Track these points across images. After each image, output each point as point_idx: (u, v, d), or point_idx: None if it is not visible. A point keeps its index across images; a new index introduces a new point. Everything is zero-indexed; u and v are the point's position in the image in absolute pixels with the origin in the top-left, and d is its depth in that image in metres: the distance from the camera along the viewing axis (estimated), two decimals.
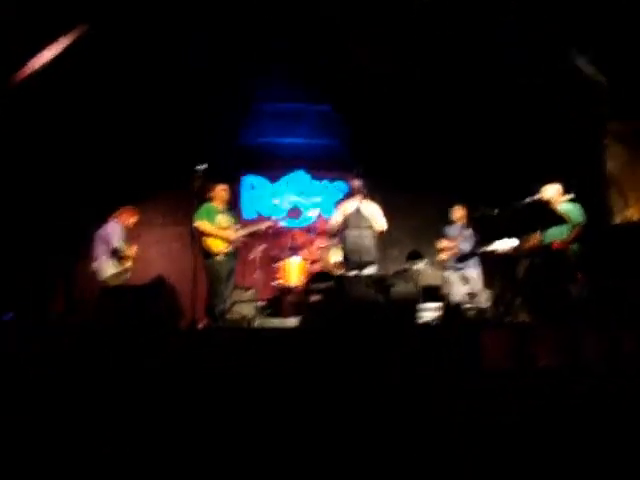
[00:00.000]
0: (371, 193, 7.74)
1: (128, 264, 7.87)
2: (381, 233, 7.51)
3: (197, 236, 7.29)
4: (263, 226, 8.21)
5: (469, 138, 10.24)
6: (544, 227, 7.09)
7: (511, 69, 8.88)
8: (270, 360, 4.56)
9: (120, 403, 4.07)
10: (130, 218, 8.10)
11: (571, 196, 7.07)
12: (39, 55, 7.26)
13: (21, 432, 3.81)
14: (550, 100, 9.36)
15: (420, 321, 8.10)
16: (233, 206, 8.81)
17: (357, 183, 7.55)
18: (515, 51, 8.42)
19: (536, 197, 7.01)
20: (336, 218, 7.50)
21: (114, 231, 7.73)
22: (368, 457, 3.81)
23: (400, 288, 5.16)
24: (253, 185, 10.82)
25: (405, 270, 9.43)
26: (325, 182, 10.98)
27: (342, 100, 10.19)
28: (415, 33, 7.89)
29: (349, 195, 7.60)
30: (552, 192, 7.18)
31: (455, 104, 9.84)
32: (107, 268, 7.66)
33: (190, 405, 4.11)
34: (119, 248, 7.67)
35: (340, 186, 10.82)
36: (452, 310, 8.33)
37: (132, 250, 7.96)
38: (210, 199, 7.64)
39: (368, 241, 7.25)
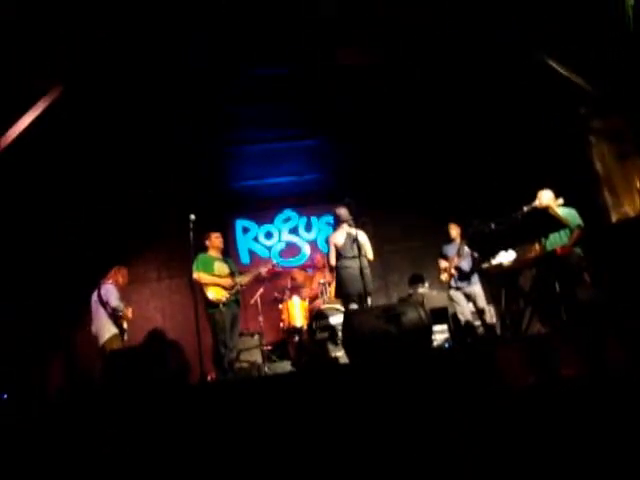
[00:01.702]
0: (363, 221, 7.68)
1: (125, 325, 7.76)
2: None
3: (197, 287, 7.19)
4: (262, 270, 8.09)
5: (456, 154, 10.24)
6: (540, 235, 7.02)
7: (490, 75, 8.90)
8: (284, 407, 4.43)
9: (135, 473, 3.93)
10: (121, 277, 8.01)
11: (561, 201, 7.04)
12: (18, 123, 7.20)
13: None
14: (531, 106, 9.38)
15: (432, 344, 8.03)
16: (228, 252, 8.75)
17: (342, 211, 7.44)
18: (493, 55, 8.44)
19: (533, 204, 6.94)
20: (331, 253, 7.40)
21: (110, 292, 7.66)
22: None
23: (411, 315, 5.04)
24: (245, 228, 10.75)
25: (410, 295, 9.38)
26: (315, 217, 10.92)
27: (327, 132, 10.19)
28: (398, 55, 7.86)
29: (335, 225, 7.49)
30: (548, 197, 7.14)
31: (439, 119, 9.84)
32: (106, 331, 7.56)
33: (209, 464, 3.98)
34: (118, 307, 7.59)
35: (331, 220, 10.76)
36: (462, 329, 8.25)
37: (129, 311, 7.88)
38: (205, 248, 7.55)
39: (365, 269, 7.14)
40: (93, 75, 7.53)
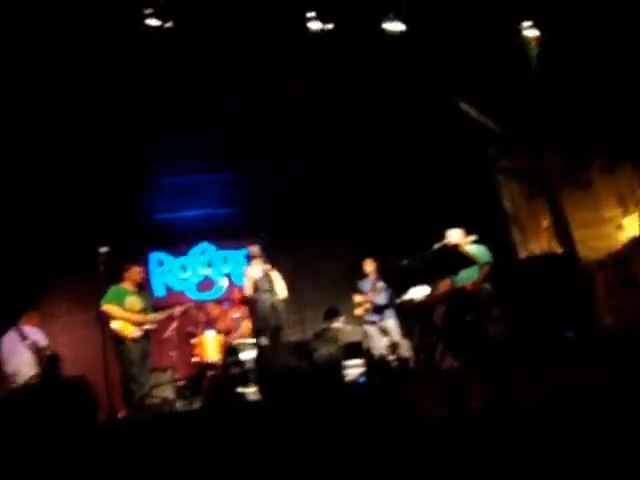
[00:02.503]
0: (278, 257, 7.69)
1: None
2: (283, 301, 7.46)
3: (105, 321, 6.98)
4: (177, 311, 7.91)
5: (372, 190, 10.40)
6: (453, 271, 7.19)
7: (405, 115, 9.13)
8: (198, 444, 4.34)
9: None
10: (35, 320, 8.08)
11: (474, 237, 7.21)
12: None
13: None
14: (445, 146, 9.67)
15: (346, 379, 8.04)
16: (143, 285, 8.55)
17: (254, 249, 7.47)
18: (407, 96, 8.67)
19: (443, 243, 7.11)
20: (248, 286, 7.37)
21: (35, 332, 7.78)
22: None
23: (322, 351, 5.06)
24: (160, 261, 10.57)
25: (324, 330, 9.38)
26: (230, 251, 10.84)
27: (245, 166, 10.20)
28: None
29: (249, 261, 7.51)
30: (457, 236, 7.32)
31: (354, 155, 10.01)
32: (29, 370, 7.50)
33: None
34: (48, 346, 7.69)
35: (246, 253, 10.70)
36: (377, 364, 8.31)
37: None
38: (121, 280, 7.37)
39: (278, 305, 7.15)
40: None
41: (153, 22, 6.58)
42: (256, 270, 7.32)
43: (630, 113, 8.45)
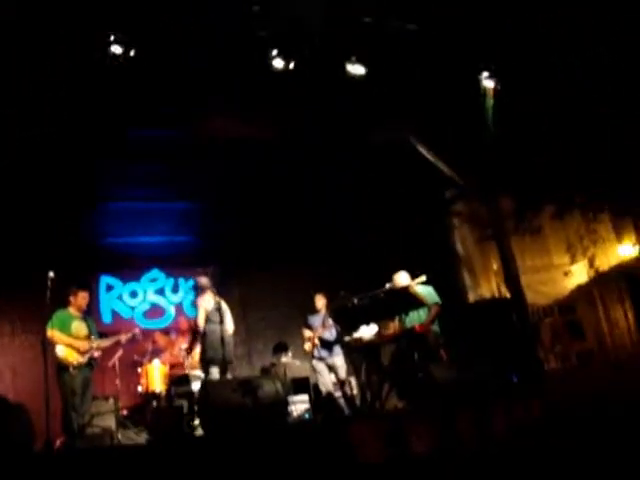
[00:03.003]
0: (227, 288, 7.65)
1: None
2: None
3: (49, 346, 6.83)
4: (123, 337, 7.79)
5: (326, 225, 10.47)
6: (401, 312, 7.26)
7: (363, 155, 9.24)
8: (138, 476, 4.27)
9: None
10: None
11: (424, 278, 7.29)
12: None
13: None
14: (398, 188, 9.81)
15: (292, 415, 8.00)
16: (90, 310, 8.41)
17: (204, 280, 7.44)
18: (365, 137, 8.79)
19: (390, 285, 7.20)
20: (200, 316, 7.27)
21: None
22: None
23: (267, 388, 5.04)
24: (110, 286, 10.41)
25: (272, 365, 9.36)
26: (182, 280, 10.74)
27: (200, 197, 10.19)
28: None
29: (197, 292, 7.45)
30: (403, 278, 7.39)
31: (312, 191, 10.07)
32: None
33: None
34: None
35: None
36: (322, 400, 8.30)
37: None
38: (67, 304, 7.23)
39: (228, 337, 7.12)
40: None
41: (117, 49, 6.58)
42: (208, 301, 7.26)
43: (580, 161, 8.73)
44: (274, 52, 7.04)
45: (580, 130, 8.38)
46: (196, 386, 7.83)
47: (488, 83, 7.74)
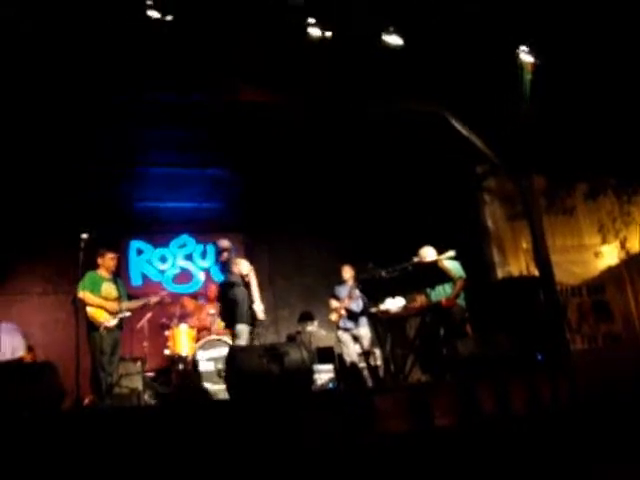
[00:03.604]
0: (257, 256, 7.67)
1: None
2: None
3: (80, 307, 6.96)
4: (152, 300, 7.83)
5: (356, 197, 10.46)
6: (428, 286, 7.26)
7: (394, 127, 9.17)
8: (163, 439, 4.36)
9: None
10: None
11: (452, 253, 7.26)
12: None
13: None
14: (429, 160, 9.74)
15: (316, 383, 8.07)
16: (120, 273, 8.54)
17: (226, 243, 7.44)
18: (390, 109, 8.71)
19: (417, 259, 7.19)
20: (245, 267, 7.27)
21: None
22: None
23: (293, 355, 5.08)
24: (140, 250, 10.54)
25: (298, 333, 9.44)
26: (210, 246, 10.79)
27: (231, 163, 10.23)
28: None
29: (220, 254, 7.43)
30: (430, 253, 7.38)
31: (342, 161, 10.04)
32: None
33: None
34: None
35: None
36: (346, 370, 8.37)
37: None
38: (97, 266, 7.33)
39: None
40: None
41: (154, 14, 6.57)
42: (245, 266, 7.28)
43: (616, 142, 8.59)
44: (311, 20, 6.96)
45: (618, 110, 8.23)
46: (221, 352, 7.93)
47: (526, 57, 7.61)
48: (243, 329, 6.90)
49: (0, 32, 6.32)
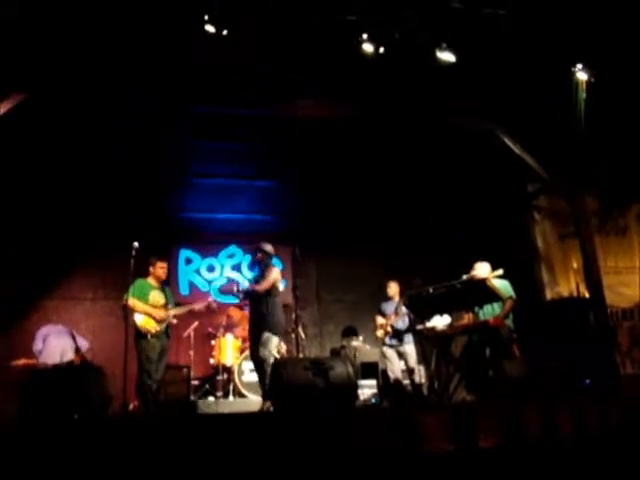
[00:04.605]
0: (305, 268, 7.67)
1: None
2: None
3: (129, 313, 7.07)
4: (197, 306, 7.89)
5: (405, 213, 10.44)
6: (475, 304, 7.15)
7: (447, 145, 9.15)
8: (206, 448, 4.38)
9: None
10: None
11: (500, 272, 7.16)
12: None
13: None
14: (480, 178, 9.67)
15: (359, 398, 8.04)
16: (168, 281, 8.66)
17: (269, 247, 7.39)
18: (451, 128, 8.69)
19: (471, 275, 7.07)
20: (271, 280, 7.22)
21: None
22: None
23: (339, 370, 5.08)
24: (189, 259, 10.66)
25: (342, 347, 9.43)
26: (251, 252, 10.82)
27: (282, 176, 10.33)
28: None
29: (261, 257, 7.39)
30: (484, 270, 7.27)
31: (393, 178, 10.05)
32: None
33: None
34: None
35: (274, 261, 10.60)
36: (390, 387, 8.31)
37: None
38: (146, 274, 7.45)
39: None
40: (56, 89, 7.47)
41: (210, 28, 6.70)
42: (277, 272, 7.26)
43: None
44: (364, 36, 7.00)
45: None
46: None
47: (581, 75, 7.51)
48: (271, 338, 6.77)
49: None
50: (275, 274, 7.15)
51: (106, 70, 7.21)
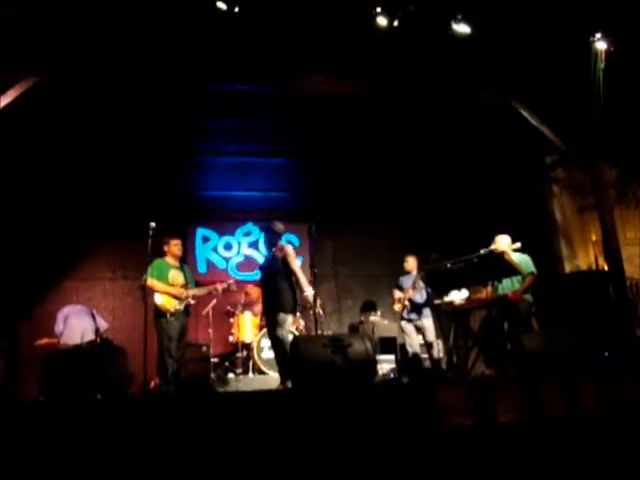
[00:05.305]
0: (322, 245, 7.65)
1: None
2: None
3: (148, 293, 7.12)
4: (218, 287, 7.88)
5: (421, 188, 10.39)
6: (493, 279, 7.10)
7: (462, 117, 9.07)
8: (227, 425, 4.42)
9: None
10: None
11: (518, 245, 7.11)
12: None
13: None
14: (497, 150, 9.57)
15: (378, 373, 8.07)
16: (186, 259, 8.71)
17: (280, 226, 7.23)
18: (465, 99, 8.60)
19: (490, 248, 7.00)
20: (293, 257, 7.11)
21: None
22: None
23: (357, 347, 5.09)
24: (206, 238, 10.69)
25: (361, 322, 9.45)
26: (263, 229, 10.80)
27: (297, 153, 10.31)
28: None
29: (272, 237, 7.22)
30: (505, 242, 7.21)
31: (408, 152, 9.97)
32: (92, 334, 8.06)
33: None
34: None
35: (291, 238, 10.64)
36: (408, 361, 8.33)
37: None
38: (163, 254, 7.48)
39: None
40: (68, 72, 7.47)
41: (222, 5, 6.65)
42: (289, 249, 7.13)
43: None
44: (378, 9, 6.92)
45: None
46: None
47: (600, 45, 7.38)
48: (286, 318, 6.67)
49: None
50: (285, 250, 6.97)
51: (120, 49, 7.19)
